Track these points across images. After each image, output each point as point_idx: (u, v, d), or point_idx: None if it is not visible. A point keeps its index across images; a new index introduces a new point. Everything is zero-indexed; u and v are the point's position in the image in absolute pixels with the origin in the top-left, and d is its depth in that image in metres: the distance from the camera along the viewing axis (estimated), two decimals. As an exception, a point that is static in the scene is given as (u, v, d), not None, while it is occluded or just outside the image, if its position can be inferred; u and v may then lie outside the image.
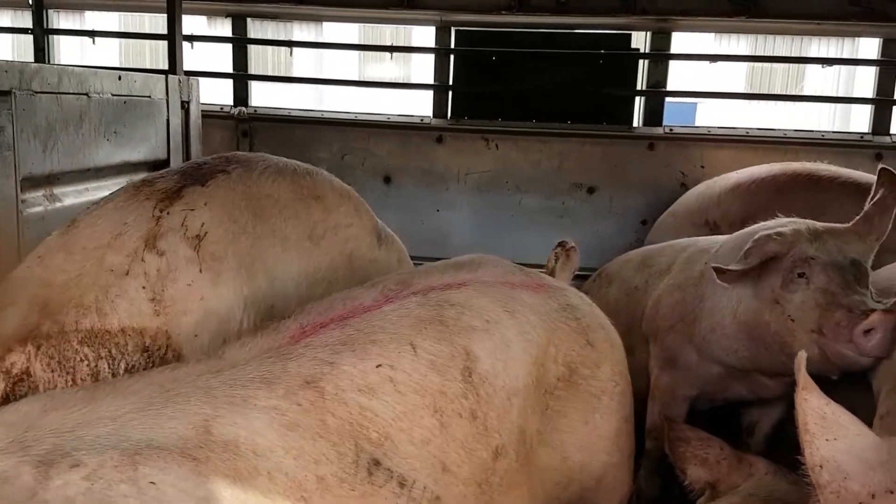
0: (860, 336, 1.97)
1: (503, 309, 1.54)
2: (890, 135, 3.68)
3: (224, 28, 4.31)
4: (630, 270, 2.95)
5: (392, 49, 4.04)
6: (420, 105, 4.23)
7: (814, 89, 13.33)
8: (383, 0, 3.71)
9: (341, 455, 1.17)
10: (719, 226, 3.18)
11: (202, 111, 3.33)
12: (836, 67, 4.58)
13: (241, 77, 4.04)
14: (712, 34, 5.83)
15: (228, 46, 4.15)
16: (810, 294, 2.11)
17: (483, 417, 1.36)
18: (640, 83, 3.94)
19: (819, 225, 2.27)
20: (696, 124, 5.06)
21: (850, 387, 2.00)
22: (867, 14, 3.54)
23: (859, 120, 4.28)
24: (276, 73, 7.28)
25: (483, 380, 1.39)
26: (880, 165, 2.38)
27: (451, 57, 3.98)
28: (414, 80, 6.37)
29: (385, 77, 13.48)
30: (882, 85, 3.72)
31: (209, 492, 1.02)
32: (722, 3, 3.58)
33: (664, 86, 3.92)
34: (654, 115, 3.95)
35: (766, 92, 13.64)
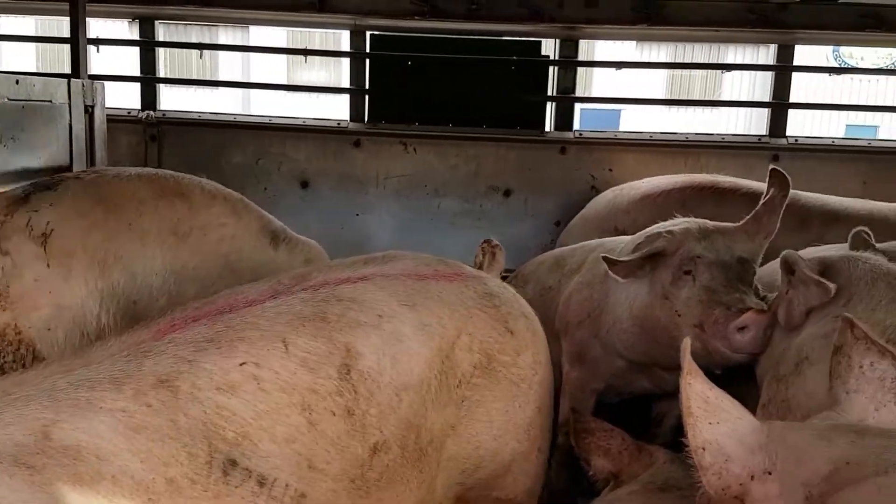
0: (734, 333, 2.08)
1: (400, 302, 1.54)
2: (786, 136, 3.88)
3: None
4: (544, 271, 3.04)
5: (305, 52, 4.04)
6: (340, 109, 4.24)
7: (730, 95, 13.90)
8: (294, 3, 3.70)
9: (192, 456, 1.16)
10: (628, 233, 3.31)
11: (109, 116, 3.26)
12: (753, 72, 4.79)
13: (147, 80, 3.96)
14: (634, 42, 6.06)
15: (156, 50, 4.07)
16: (695, 291, 2.21)
17: (361, 415, 1.36)
18: (551, 89, 4.05)
19: (711, 224, 2.39)
20: (637, 129, 5.21)
21: (748, 378, 2.11)
22: (762, 21, 3.72)
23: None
24: (203, 78, 7.15)
25: (364, 377, 1.39)
26: (771, 166, 2.52)
27: (367, 61, 4.00)
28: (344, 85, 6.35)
29: (313, 81, 13.42)
30: (777, 89, 3.92)
31: (45, 501, 1.00)
32: (625, 12, 3.71)
33: (573, 92, 4.03)
34: (564, 119, 4.06)
35: (684, 98, 14.20)
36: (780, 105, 3.89)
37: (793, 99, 3.95)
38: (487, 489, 1.74)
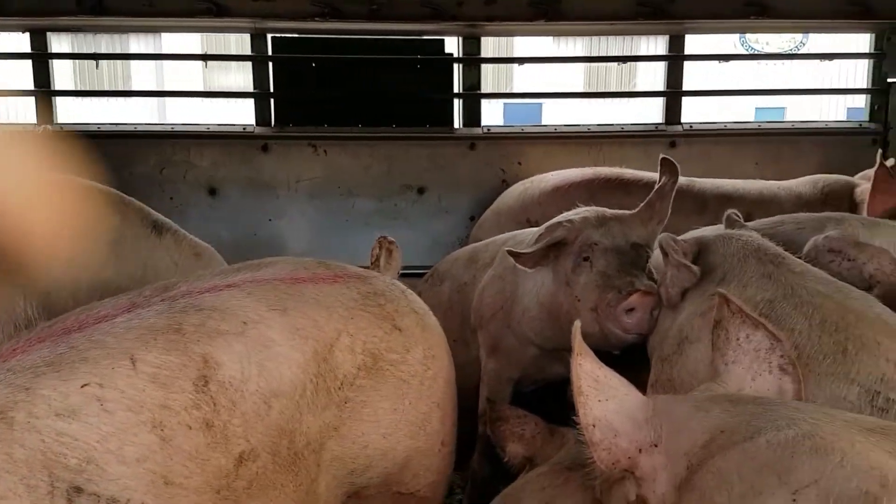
0: (622, 314, 2.19)
1: (270, 307, 1.51)
2: (681, 123, 4.04)
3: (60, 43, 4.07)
4: (460, 268, 3.09)
5: (206, 57, 3.98)
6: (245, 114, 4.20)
7: (643, 85, 14.31)
8: (191, 9, 3.64)
9: (32, 488, 1.12)
10: (539, 224, 3.40)
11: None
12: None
13: (43, 93, 3.83)
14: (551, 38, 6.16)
15: (63, 63, 3.93)
16: (592, 276, 2.31)
17: (222, 426, 1.33)
18: (457, 86, 4.10)
19: (609, 212, 2.49)
20: (543, 123, 5.30)
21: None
22: (654, 13, 3.85)
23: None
24: (115, 88, 6.95)
25: (225, 387, 1.36)
26: (661, 155, 2.63)
27: (270, 64, 3.97)
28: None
29: (230, 85, 13.17)
30: (671, 78, 4.07)
31: None
32: (523, 9, 3.78)
33: (479, 88, 4.09)
34: (472, 116, 4.12)
35: (602, 90, 14.60)
36: (673, 94, 4.04)
37: (708, 85, 4.07)
38: (385, 486, 1.74)
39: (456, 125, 4.14)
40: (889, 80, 3.82)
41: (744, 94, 4.81)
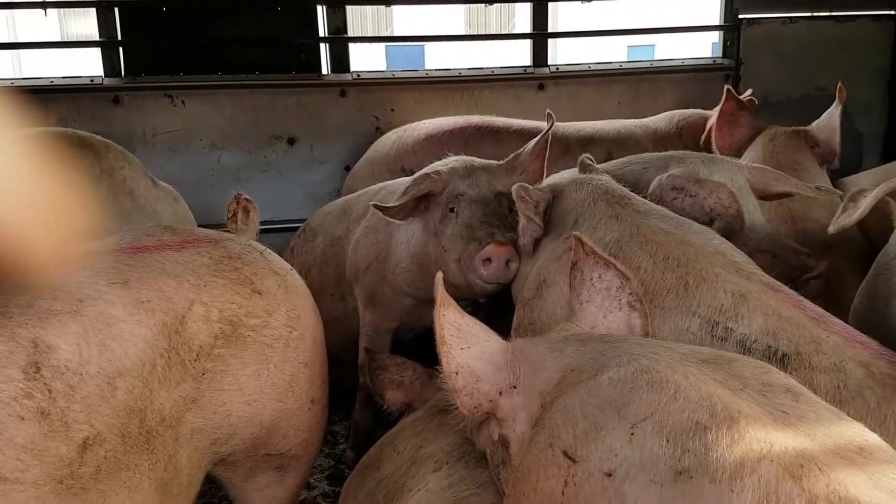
0: (480, 264, 2.23)
1: (110, 282, 1.43)
2: (548, 65, 4.07)
3: None
4: (331, 221, 3.05)
5: (44, 5, 3.62)
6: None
7: (522, 26, 14.43)
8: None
9: None
10: (415, 172, 3.37)
11: None
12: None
13: None
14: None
15: None
16: (457, 227, 2.34)
17: (60, 413, 1.26)
18: (322, 30, 3.94)
19: (477, 162, 2.52)
20: (426, 67, 5.20)
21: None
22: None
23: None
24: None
25: (61, 371, 1.28)
26: (548, 110, 2.62)
27: (116, 10, 3.67)
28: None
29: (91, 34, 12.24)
30: (537, 20, 4.07)
31: None
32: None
33: (344, 32, 3.95)
34: (340, 61, 3.99)
35: (482, 32, 14.62)
36: (539, 36, 4.05)
37: (577, 26, 4.08)
38: (253, 449, 1.72)
39: (324, 71, 4.00)
40: (739, 16, 3.98)
41: (603, 35, 4.89)
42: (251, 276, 1.66)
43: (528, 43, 4.15)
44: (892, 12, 4.05)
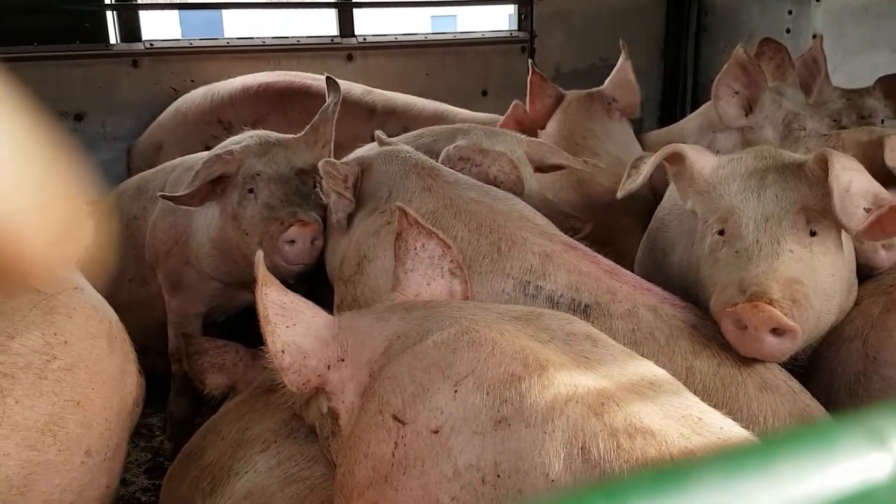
0: (283, 245, 2.19)
1: None
2: (355, 36, 4.05)
3: None
4: (127, 200, 2.86)
5: None
6: None
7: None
8: None
9: None
10: (233, 125, 3.27)
11: None
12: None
13: None
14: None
15: None
16: (257, 208, 2.27)
17: None
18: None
19: (273, 137, 2.42)
20: (225, 35, 4.93)
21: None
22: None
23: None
24: None
25: None
26: (325, 74, 2.59)
27: None
28: None
29: None
30: (341, -10, 4.03)
31: None
32: None
33: (134, -1, 3.69)
34: (130, 30, 3.72)
35: (285, 0, 14.07)
36: (344, 5, 4.03)
37: None
38: None
39: (112, 41, 3.71)
40: (532, -10, 4.20)
41: (406, 6, 4.96)
42: None
43: (333, 13, 4.10)
44: (665, -13, 4.47)
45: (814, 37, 3.67)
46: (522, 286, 1.71)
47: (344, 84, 3.44)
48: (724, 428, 1.09)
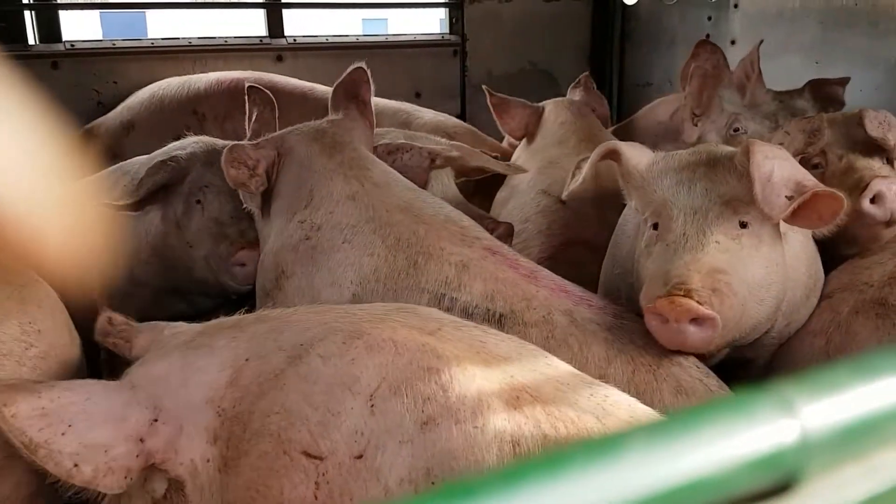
0: (233, 268, 2.17)
1: None
2: (285, 37, 4.01)
3: None
4: None
5: None
6: None
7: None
8: None
9: None
10: (206, 117, 3.34)
11: None
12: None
13: None
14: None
15: None
16: (204, 222, 2.20)
17: None
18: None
19: (220, 144, 2.32)
20: (150, 36, 4.78)
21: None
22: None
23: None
24: None
25: None
26: (248, 84, 2.52)
27: None
28: None
29: None
30: (269, -10, 3.99)
31: None
32: None
33: (54, -2, 3.56)
34: (49, 30, 3.59)
35: (211, 0, 13.76)
36: (274, 5, 3.98)
37: None
38: None
39: (31, 41, 3.57)
40: (463, -6, 4.25)
41: (337, 8, 4.93)
42: None
43: (261, 13, 4.04)
44: (590, -7, 4.59)
45: (732, 42, 3.84)
46: (438, 299, 1.69)
47: (308, 84, 3.46)
48: (632, 406, 1.11)
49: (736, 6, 3.90)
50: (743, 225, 1.65)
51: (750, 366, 1.95)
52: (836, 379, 0.56)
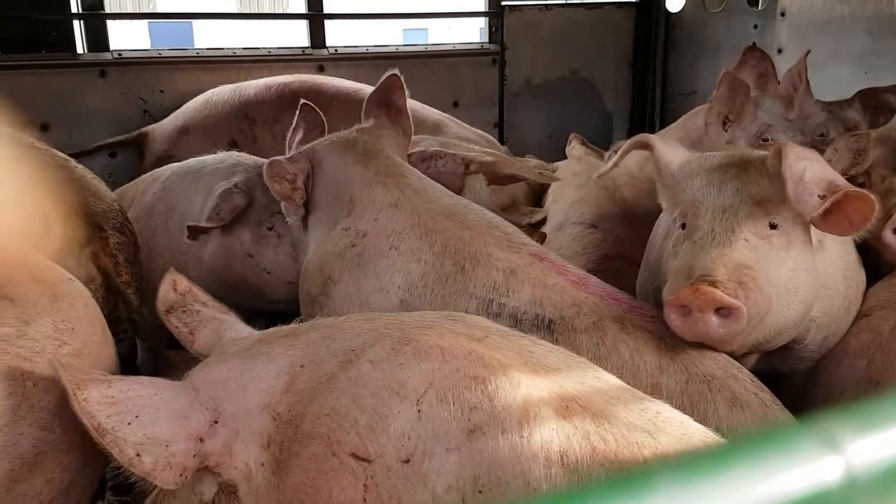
0: None
1: None
2: (326, 47, 4.05)
3: None
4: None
5: None
6: None
7: (297, 7, 14.19)
8: None
9: None
10: (257, 121, 3.46)
11: None
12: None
13: None
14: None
15: None
16: (283, 248, 2.21)
17: None
18: (76, 6, 3.60)
19: (261, 163, 2.36)
20: (195, 46, 4.89)
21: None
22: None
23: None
24: None
25: None
26: (302, 101, 2.53)
27: None
28: None
29: None
30: (312, 2, 4.03)
31: None
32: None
33: (101, 8, 3.65)
34: (98, 39, 3.68)
35: (255, 11, 14.15)
36: (316, 16, 4.02)
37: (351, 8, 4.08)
38: (7, 494, 1.38)
39: (79, 50, 3.66)
40: (502, 3, 4.24)
41: (378, 18, 4.97)
42: (2, 282, 1.45)
43: (304, 24, 4.09)
44: (634, 0, 4.53)
45: (779, 51, 3.75)
46: (486, 304, 1.68)
47: (356, 85, 3.51)
48: (685, 423, 1.07)
49: (783, 14, 3.81)
50: (773, 226, 1.62)
51: (787, 383, 1.89)
52: (883, 412, 0.53)
